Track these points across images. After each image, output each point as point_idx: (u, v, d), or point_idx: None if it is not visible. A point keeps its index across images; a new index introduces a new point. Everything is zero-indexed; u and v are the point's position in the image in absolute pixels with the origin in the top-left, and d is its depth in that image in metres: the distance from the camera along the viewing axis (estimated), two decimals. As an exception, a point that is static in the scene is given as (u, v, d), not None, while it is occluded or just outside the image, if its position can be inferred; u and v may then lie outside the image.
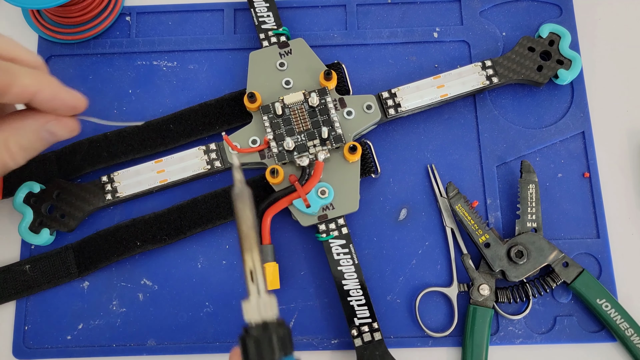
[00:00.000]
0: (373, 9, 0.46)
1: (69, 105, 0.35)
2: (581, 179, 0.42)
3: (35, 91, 0.33)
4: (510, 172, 0.42)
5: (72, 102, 0.35)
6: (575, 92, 0.44)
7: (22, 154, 0.34)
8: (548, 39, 0.43)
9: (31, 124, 0.34)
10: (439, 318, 0.40)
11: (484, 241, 0.39)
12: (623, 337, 0.38)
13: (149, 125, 0.42)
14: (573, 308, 0.40)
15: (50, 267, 0.40)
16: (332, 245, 0.39)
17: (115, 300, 0.41)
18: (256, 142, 0.41)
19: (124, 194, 0.41)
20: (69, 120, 0.35)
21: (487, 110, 0.44)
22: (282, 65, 0.42)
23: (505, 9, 0.46)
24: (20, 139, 0.34)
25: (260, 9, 0.44)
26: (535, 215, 0.39)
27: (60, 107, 0.35)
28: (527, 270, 0.38)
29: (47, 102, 0.34)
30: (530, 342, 0.39)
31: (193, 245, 0.41)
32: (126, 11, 0.47)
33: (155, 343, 0.40)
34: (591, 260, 0.40)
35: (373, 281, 0.40)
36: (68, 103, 0.35)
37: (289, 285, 0.40)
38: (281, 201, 0.39)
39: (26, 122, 0.34)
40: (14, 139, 0.34)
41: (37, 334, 0.40)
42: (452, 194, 0.40)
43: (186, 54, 0.46)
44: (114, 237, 0.40)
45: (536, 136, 0.43)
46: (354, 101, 0.41)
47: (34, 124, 0.34)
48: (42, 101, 0.33)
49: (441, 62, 0.45)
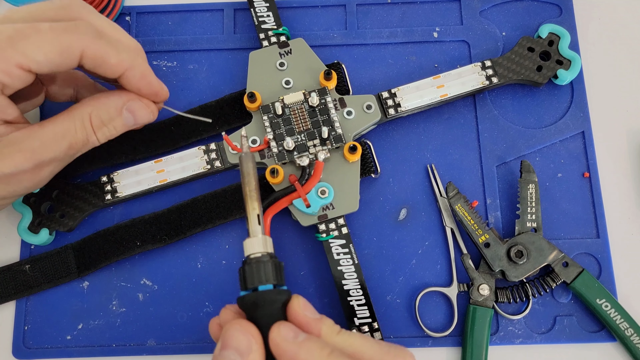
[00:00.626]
0: (373, 9, 0.46)
1: (153, 89, 0.37)
2: (581, 179, 0.42)
3: (128, 67, 0.34)
4: (510, 172, 0.42)
5: (157, 87, 0.37)
6: (575, 92, 0.44)
7: (103, 130, 0.36)
8: (547, 39, 0.43)
9: (114, 101, 0.36)
10: (439, 318, 0.40)
11: (483, 241, 0.39)
12: (623, 337, 0.38)
13: (149, 127, 0.42)
14: (573, 308, 0.40)
15: (50, 267, 0.40)
16: (332, 245, 0.39)
17: (115, 300, 0.41)
18: (256, 142, 0.41)
19: (124, 194, 0.41)
20: (149, 102, 0.37)
21: (487, 110, 0.44)
22: (282, 65, 0.42)
23: (505, 9, 0.46)
24: (102, 113, 0.36)
25: (260, 8, 0.44)
26: (535, 215, 0.39)
27: (145, 89, 0.36)
28: (527, 270, 0.38)
29: (135, 81, 0.35)
30: (530, 342, 0.39)
31: (193, 245, 0.41)
32: (126, 11, 0.47)
33: (155, 343, 0.40)
34: (591, 260, 0.40)
35: (373, 281, 0.40)
36: (153, 86, 0.37)
37: (289, 285, 0.40)
38: (281, 201, 0.39)
39: (109, 99, 0.36)
40: (97, 113, 0.35)
41: (37, 334, 0.40)
42: (452, 194, 0.40)
43: (186, 54, 0.46)
44: (114, 237, 0.40)
45: (536, 136, 0.43)
46: (354, 101, 0.41)
47: (116, 101, 0.36)
48: (131, 78, 0.35)
49: (441, 62, 0.45)
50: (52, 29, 0.32)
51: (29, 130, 0.34)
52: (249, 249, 0.31)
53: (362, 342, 0.29)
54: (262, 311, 0.29)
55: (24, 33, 0.31)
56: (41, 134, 0.34)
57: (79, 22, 0.33)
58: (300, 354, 0.28)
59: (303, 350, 0.28)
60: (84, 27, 0.33)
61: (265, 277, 0.30)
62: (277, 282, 0.31)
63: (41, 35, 0.31)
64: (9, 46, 0.31)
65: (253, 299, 0.30)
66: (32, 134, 0.34)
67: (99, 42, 0.33)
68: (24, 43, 0.31)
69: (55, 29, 0.32)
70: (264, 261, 0.30)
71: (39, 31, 0.31)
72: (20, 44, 0.31)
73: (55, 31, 0.32)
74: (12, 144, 0.33)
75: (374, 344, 0.29)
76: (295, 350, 0.28)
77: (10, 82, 0.32)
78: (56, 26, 0.32)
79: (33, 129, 0.34)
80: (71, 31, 0.32)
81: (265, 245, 0.31)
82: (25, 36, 0.31)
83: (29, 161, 0.33)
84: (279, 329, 0.29)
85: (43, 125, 0.34)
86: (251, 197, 0.32)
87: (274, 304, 0.30)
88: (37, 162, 0.34)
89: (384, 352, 0.29)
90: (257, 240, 0.31)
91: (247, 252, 0.31)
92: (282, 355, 0.28)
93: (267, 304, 0.30)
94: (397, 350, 0.30)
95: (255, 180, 0.33)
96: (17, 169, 0.33)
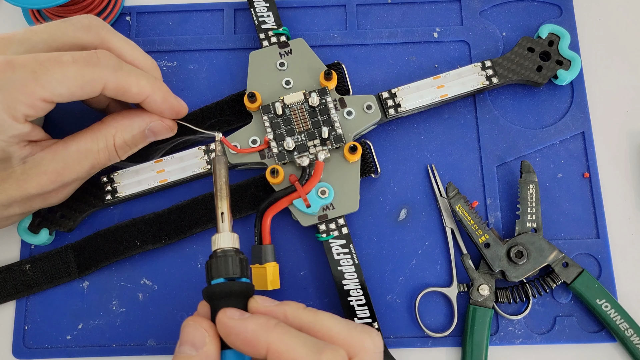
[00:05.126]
0: (373, 9, 0.46)
1: (174, 110, 0.38)
2: (581, 179, 0.42)
3: (149, 94, 0.36)
4: (510, 172, 0.42)
5: (178, 107, 0.38)
6: (575, 92, 0.44)
7: (125, 149, 0.37)
8: (547, 39, 0.43)
9: (137, 122, 0.37)
10: (439, 318, 0.40)
11: (483, 241, 0.39)
12: (623, 337, 0.38)
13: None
14: (573, 308, 0.40)
15: (50, 267, 0.40)
16: (332, 245, 0.39)
17: (115, 300, 0.41)
18: (256, 142, 0.41)
19: (124, 194, 0.41)
20: (170, 121, 0.38)
21: (487, 110, 0.44)
22: (282, 65, 0.42)
23: (505, 9, 0.46)
24: (126, 135, 0.37)
25: (260, 8, 0.44)
26: (535, 215, 0.39)
27: (167, 111, 0.37)
28: (527, 270, 0.38)
29: (157, 105, 0.37)
30: (530, 343, 0.39)
31: (193, 245, 0.41)
32: (126, 11, 0.47)
33: (155, 343, 0.40)
34: (591, 260, 0.41)
35: (373, 281, 0.40)
36: (174, 108, 0.38)
37: (289, 285, 0.40)
38: (281, 201, 0.39)
39: (133, 120, 0.37)
40: (120, 135, 0.36)
41: (37, 334, 0.40)
42: (452, 194, 0.40)
43: (186, 54, 0.46)
44: (114, 237, 0.40)
45: (536, 136, 0.43)
46: (354, 101, 0.41)
47: (139, 123, 0.37)
48: (153, 103, 0.36)
49: (441, 62, 0.45)
50: (75, 61, 0.32)
51: (53, 151, 0.34)
52: (215, 244, 0.32)
53: (328, 318, 0.30)
54: (223, 302, 0.30)
55: (47, 67, 0.32)
56: (65, 155, 0.35)
57: (100, 53, 0.34)
58: (247, 326, 0.28)
59: (249, 323, 0.28)
60: (106, 60, 0.34)
61: (226, 270, 0.31)
62: (241, 275, 0.31)
63: (64, 70, 0.32)
64: (32, 81, 0.31)
65: (214, 290, 0.30)
66: (56, 155, 0.34)
67: (119, 74, 0.34)
68: (47, 78, 0.32)
69: (77, 61, 0.32)
70: (229, 255, 0.31)
71: (62, 64, 0.32)
72: (43, 78, 0.31)
73: (77, 64, 0.32)
74: (37, 166, 0.34)
75: (341, 321, 0.30)
76: (240, 324, 0.28)
77: (34, 113, 0.33)
78: (79, 58, 0.33)
79: (57, 150, 0.35)
80: (93, 64, 0.33)
81: (232, 241, 0.32)
82: (48, 71, 0.32)
83: (53, 183, 0.34)
84: (225, 311, 0.29)
85: (67, 146, 0.35)
86: (221, 197, 0.33)
87: (234, 295, 0.30)
88: (60, 183, 0.35)
89: (350, 328, 0.29)
90: (222, 235, 0.32)
91: (214, 247, 0.32)
92: (229, 333, 0.28)
93: (228, 295, 0.30)
94: (363, 328, 0.30)
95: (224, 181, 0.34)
96: (42, 190, 0.34)
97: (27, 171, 0.34)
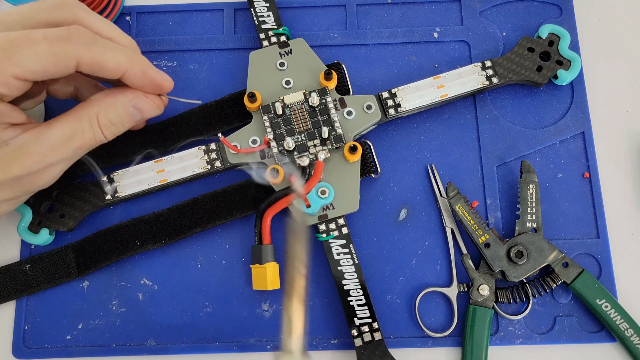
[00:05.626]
0: (373, 9, 0.46)
1: (156, 84, 0.37)
2: (581, 179, 0.42)
3: (127, 67, 0.35)
4: (510, 172, 0.42)
5: (160, 81, 0.37)
6: (575, 92, 0.44)
7: (111, 128, 0.36)
8: (547, 39, 0.43)
9: (120, 100, 0.36)
10: (439, 318, 0.40)
11: (483, 241, 0.39)
12: (623, 338, 0.38)
13: (148, 128, 0.42)
14: (573, 308, 0.40)
15: (50, 266, 0.40)
16: (332, 245, 0.39)
17: (115, 300, 0.41)
18: (256, 142, 0.41)
19: (124, 194, 0.41)
20: (155, 97, 0.38)
21: (487, 110, 0.44)
22: (282, 65, 0.42)
23: (506, 9, 0.46)
24: (110, 113, 0.36)
25: (260, 8, 0.44)
26: (535, 215, 0.39)
27: (149, 85, 0.37)
28: (527, 270, 0.38)
29: (137, 79, 0.36)
30: (530, 343, 0.39)
31: (193, 245, 0.41)
32: (126, 11, 0.47)
33: (155, 343, 0.40)
34: (591, 260, 0.40)
35: (373, 281, 0.40)
36: (156, 81, 0.37)
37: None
38: (281, 201, 0.39)
39: (116, 97, 0.36)
40: (104, 113, 0.36)
41: (36, 334, 0.40)
42: (452, 194, 0.40)
43: (186, 53, 0.46)
44: (114, 237, 0.40)
45: (536, 136, 0.43)
46: (354, 101, 0.41)
47: (122, 100, 0.36)
48: (132, 77, 0.36)
49: (441, 62, 0.45)
50: (46, 37, 0.32)
51: (36, 132, 0.34)
52: None
53: None
54: None
55: (18, 44, 0.31)
56: (49, 136, 0.34)
57: (72, 29, 0.33)
58: None
59: None
60: (78, 34, 0.33)
61: None
62: None
63: (35, 46, 0.32)
64: (4, 59, 0.31)
65: None
66: (40, 136, 0.34)
67: (94, 48, 0.33)
68: (19, 55, 0.31)
69: (48, 37, 0.32)
70: None
71: (33, 41, 0.32)
72: (15, 56, 0.31)
73: (49, 40, 0.32)
74: (21, 147, 0.33)
75: None
76: None
77: (9, 92, 0.32)
78: (50, 34, 0.32)
79: (41, 131, 0.34)
80: (65, 39, 0.32)
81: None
82: (19, 47, 0.31)
83: (38, 164, 0.34)
84: None
85: (50, 127, 0.34)
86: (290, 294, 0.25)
87: None
88: (46, 164, 0.34)
89: None
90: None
91: None
92: None
93: None
94: None
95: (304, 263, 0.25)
96: (27, 171, 0.34)
97: (10, 153, 0.33)
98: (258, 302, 0.40)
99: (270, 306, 0.40)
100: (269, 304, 0.40)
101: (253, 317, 0.40)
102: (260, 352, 0.39)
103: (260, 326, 0.40)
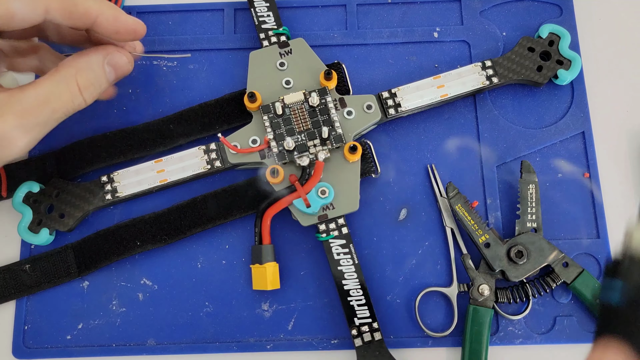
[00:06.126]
0: (373, 9, 0.46)
1: (129, 29, 0.36)
2: (581, 179, 0.42)
3: (97, 14, 0.34)
4: (510, 172, 0.42)
5: (133, 25, 0.36)
6: (575, 92, 0.44)
7: (90, 89, 0.35)
8: (548, 39, 0.43)
9: (95, 58, 0.36)
10: (439, 318, 0.40)
11: (484, 241, 0.39)
12: (623, 337, 0.38)
13: (148, 126, 0.42)
14: (573, 308, 0.40)
15: (50, 266, 0.40)
16: (332, 245, 0.39)
17: (115, 300, 0.41)
18: (256, 141, 0.41)
19: (124, 194, 0.41)
20: (126, 52, 0.37)
21: (487, 110, 0.44)
22: (282, 65, 0.42)
23: (506, 9, 0.46)
24: (87, 73, 0.35)
25: (260, 8, 0.44)
26: (535, 215, 0.39)
27: (121, 31, 0.36)
28: (527, 270, 0.38)
29: (109, 24, 0.35)
30: (530, 343, 0.39)
31: (193, 245, 0.41)
32: (126, 11, 0.46)
33: (155, 343, 0.40)
34: (591, 260, 0.40)
35: (373, 281, 0.40)
36: (129, 26, 0.36)
37: (289, 285, 0.40)
38: (281, 201, 0.39)
39: (90, 56, 0.36)
40: (82, 74, 0.35)
41: (36, 334, 0.40)
42: (452, 194, 0.40)
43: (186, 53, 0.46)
44: (114, 237, 0.40)
45: (536, 136, 0.43)
46: (354, 101, 0.41)
47: (97, 57, 0.36)
48: (105, 23, 0.35)
49: (441, 62, 0.45)
50: None
51: (9, 94, 0.33)
52: None
53: None
54: None
55: None
56: (22, 98, 0.32)
57: None
58: None
59: None
60: None
61: None
62: None
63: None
64: None
65: None
66: (12, 98, 0.32)
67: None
68: None
69: None
70: None
71: None
72: None
73: None
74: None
75: None
76: None
77: None
78: None
79: (13, 93, 0.33)
80: None
81: None
82: None
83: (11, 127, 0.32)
84: None
85: (24, 90, 0.33)
86: None
87: None
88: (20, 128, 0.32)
89: None
90: None
91: None
92: None
93: None
94: None
95: None
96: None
97: None
98: (258, 302, 0.40)
99: (270, 306, 0.40)
100: (269, 304, 0.40)
101: (253, 317, 0.40)
102: (260, 352, 0.40)
103: (260, 326, 0.40)
